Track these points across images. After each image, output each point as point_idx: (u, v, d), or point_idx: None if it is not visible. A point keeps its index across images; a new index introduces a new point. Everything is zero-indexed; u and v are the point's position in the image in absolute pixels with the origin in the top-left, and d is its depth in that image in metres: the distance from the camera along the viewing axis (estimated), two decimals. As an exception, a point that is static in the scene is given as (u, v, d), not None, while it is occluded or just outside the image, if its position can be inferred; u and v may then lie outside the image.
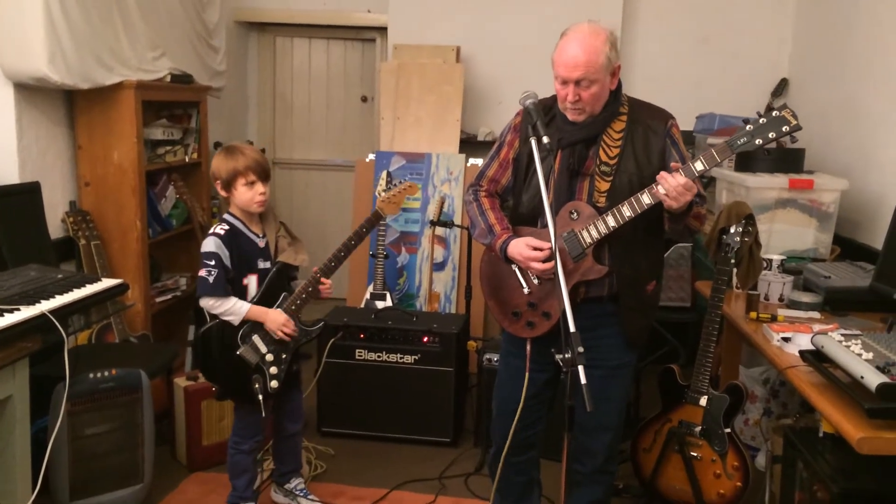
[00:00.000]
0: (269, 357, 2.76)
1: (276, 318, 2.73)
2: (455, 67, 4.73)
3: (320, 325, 2.89)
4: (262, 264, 2.77)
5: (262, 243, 2.78)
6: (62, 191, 3.60)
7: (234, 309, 2.68)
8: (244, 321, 2.71)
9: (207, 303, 2.66)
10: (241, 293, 2.73)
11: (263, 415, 2.74)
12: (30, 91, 3.32)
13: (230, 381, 2.76)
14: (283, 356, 2.78)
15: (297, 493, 3.03)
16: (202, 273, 2.63)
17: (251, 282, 2.75)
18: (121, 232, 3.68)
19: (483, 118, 5.07)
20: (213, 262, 2.63)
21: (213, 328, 2.72)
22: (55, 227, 3.49)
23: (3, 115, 3.27)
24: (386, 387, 3.56)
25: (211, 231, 2.70)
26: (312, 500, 3.03)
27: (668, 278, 4.00)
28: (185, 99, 4.25)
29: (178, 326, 4.28)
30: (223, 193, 2.72)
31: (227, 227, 2.71)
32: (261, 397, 2.72)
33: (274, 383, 2.76)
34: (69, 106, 3.63)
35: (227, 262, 2.67)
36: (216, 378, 2.79)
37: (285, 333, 2.74)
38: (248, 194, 2.69)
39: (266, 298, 2.75)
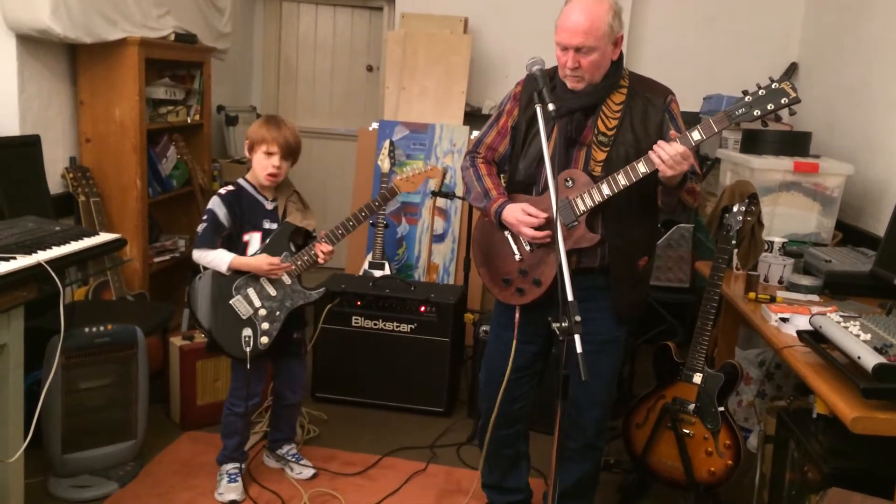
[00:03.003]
0: (263, 312, 2.76)
1: (260, 263, 2.71)
2: (462, 38, 4.68)
3: (321, 289, 2.89)
4: (267, 224, 2.80)
5: (270, 205, 2.82)
6: (63, 146, 3.58)
7: (216, 260, 2.71)
8: (239, 273, 2.73)
9: (196, 254, 2.74)
10: (242, 249, 2.76)
11: (248, 367, 2.74)
12: (33, 44, 3.29)
13: (222, 333, 2.76)
14: (278, 314, 2.78)
15: (289, 458, 3.04)
16: (198, 228, 2.73)
17: (253, 238, 2.78)
18: (121, 190, 3.66)
19: (488, 91, 5.03)
20: (205, 217, 2.73)
21: (208, 275, 2.76)
22: (55, 182, 3.47)
23: (6, 66, 3.24)
24: (381, 355, 3.56)
25: (217, 191, 2.79)
26: (304, 465, 3.04)
27: (668, 259, 3.99)
28: (188, 59, 4.21)
29: (175, 287, 4.28)
30: (247, 154, 2.79)
31: (231, 188, 2.78)
32: (248, 350, 2.73)
33: (264, 339, 2.76)
34: (72, 61, 3.60)
35: (224, 220, 2.73)
36: (209, 328, 2.78)
37: (275, 274, 2.73)
38: (262, 162, 2.74)
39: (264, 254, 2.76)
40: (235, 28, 4.97)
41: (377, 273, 4.03)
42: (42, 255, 2.18)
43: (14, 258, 2.11)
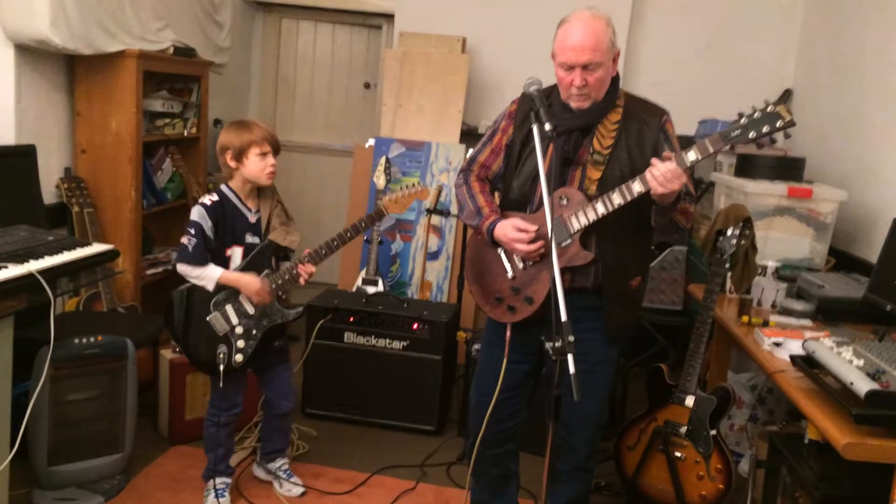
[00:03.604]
0: (239, 330, 2.73)
1: (251, 283, 2.69)
2: (460, 58, 4.71)
3: (299, 309, 2.87)
4: (250, 238, 2.75)
5: (253, 218, 2.77)
6: (58, 156, 3.57)
7: (206, 274, 2.67)
8: (220, 289, 2.70)
9: (183, 269, 2.67)
10: (223, 264, 2.72)
11: (221, 385, 2.72)
12: (31, 54, 3.29)
13: (196, 347, 2.74)
14: (254, 332, 2.76)
15: (280, 473, 3.01)
16: (184, 240, 2.66)
17: (235, 253, 2.74)
18: (115, 201, 3.65)
19: (484, 111, 5.05)
20: (193, 231, 2.65)
21: (188, 289, 2.72)
22: (49, 192, 3.46)
23: (3, 76, 3.24)
24: (373, 371, 3.54)
25: (200, 200, 2.71)
26: (294, 482, 3.01)
27: (662, 281, 4.00)
28: (186, 72, 4.22)
29: (167, 299, 4.24)
30: (233, 164, 2.70)
31: (216, 198, 2.71)
32: (221, 368, 2.70)
33: (239, 357, 2.74)
34: (69, 72, 3.60)
35: (210, 232, 2.67)
36: (183, 341, 2.76)
37: (259, 299, 2.71)
38: (259, 164, 2.69)
39: (245, 272, 2.73)
40: (234, 43, 4.99)
41: (370, 289, 4.02)
42: (34, 265, 2.18)
43: (6, 267, 2.11)
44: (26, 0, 3.07)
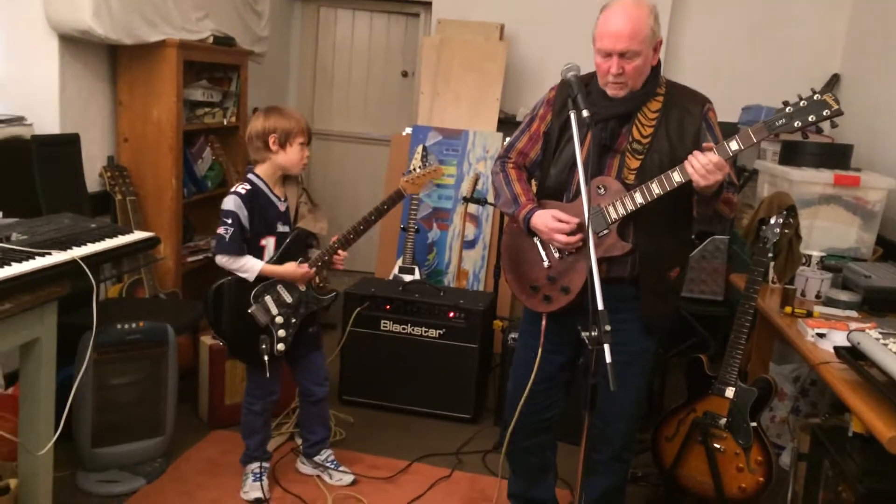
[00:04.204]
0: (279, 319, 2.76)
1: (294, 272, 2.73)
2: (498, 45, 4.67)
3: (332, 294, 2.89)
4: (281, 227, 2.77)
5: (282, 207, 2.79)
6: (101, 145, 3.64)
7: (247, 266, 2.69)
8: (258, 280, 2.72)
9: (222, 260, 2.69)
10: (258, 254, 2.74)
11: (268, 376, 2.75)
12: (74, 44, 3.35)
13: (238, 339, 2.77)
14: (293, 320, 2.78)
15: (329, 464, 3.02)
16: (220, 231, 2.67)
17: (269, 243, 2.76)
18: (157, 189, 3.71)
19: (522, 98, 5.01)
20: (230, 221, 2.66)
21: (226, 284, 2.74)
22: (92, 180, 3.53)
23: (48, 66, 3.30)
24: (409, 359, 3.55)
25: (233, 189, 2.72)
26: (344, 471, 3.01)
27: (702, 271, 3.94)
28: (226, 62, 4.25)
29: (207, 287, 4.27)
30: (275, 148, 2.71)
31: (248, 186, 2.72)
32: (266, 358, 2.74)
33: (281, 346, 2.77)
34: (112, 62, 3.66)
35: (245, 221, 2.69)
36: (225, 334, 2.79)
37: (305, 280, 2.75)
38: (298, 154, 2.73)
39: (282, 262, 2.75)
40: (273, 32, 5.02)
41: (407, 278, 4.02)
42: (77, 252, 2.21)
43: (49, 253, 2.14)
44: (70, -9, 3.12)
